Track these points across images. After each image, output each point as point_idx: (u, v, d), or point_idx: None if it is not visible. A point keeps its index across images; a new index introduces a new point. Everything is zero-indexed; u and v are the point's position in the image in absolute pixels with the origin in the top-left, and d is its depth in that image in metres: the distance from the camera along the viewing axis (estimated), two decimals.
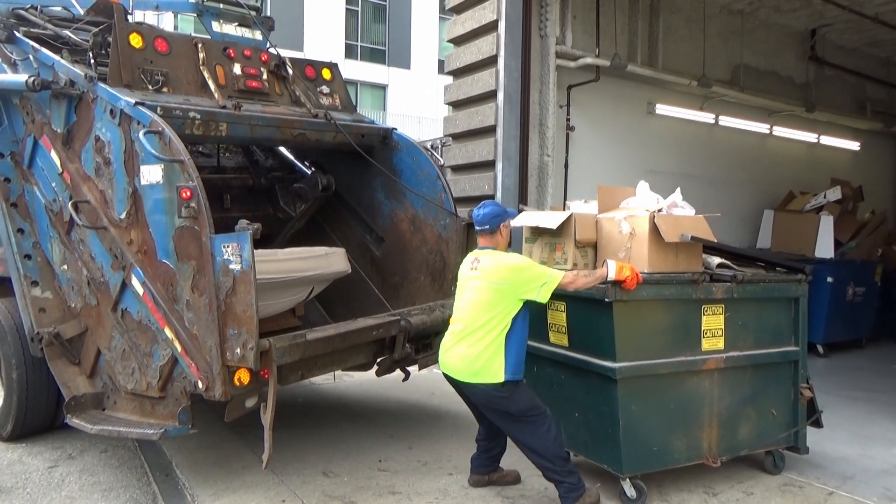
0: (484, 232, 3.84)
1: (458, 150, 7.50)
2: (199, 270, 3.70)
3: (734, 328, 4.18)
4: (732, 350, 4.17)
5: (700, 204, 9.12)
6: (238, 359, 3.54)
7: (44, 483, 4.31)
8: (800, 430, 4.47)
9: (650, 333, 3.95)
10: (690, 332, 4.05)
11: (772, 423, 4.38)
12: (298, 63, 5.52)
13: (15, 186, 4.92)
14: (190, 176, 3.67)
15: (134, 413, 4.22)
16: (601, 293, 3.77)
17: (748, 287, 4.19)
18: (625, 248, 4.10)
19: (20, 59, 4.91)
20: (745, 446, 4.29)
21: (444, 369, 3.78)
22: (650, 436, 3.92)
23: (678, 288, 3.99)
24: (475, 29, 7.14)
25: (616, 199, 4.55)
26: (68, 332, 4.57)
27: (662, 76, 8.27)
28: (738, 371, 4.22)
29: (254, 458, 4.49)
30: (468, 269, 3.81)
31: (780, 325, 4.43)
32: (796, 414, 4.47)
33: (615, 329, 3.78)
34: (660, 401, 3.97)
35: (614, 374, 3.77)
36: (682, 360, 4.00)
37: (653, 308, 3.96)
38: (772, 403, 4.38)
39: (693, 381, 4.07)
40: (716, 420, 4.14)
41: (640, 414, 3.87)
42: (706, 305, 4.09)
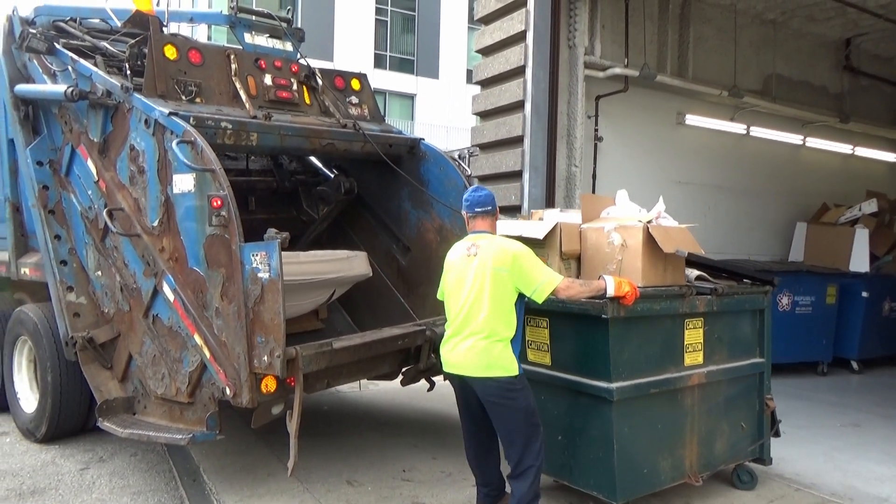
0: (486, 214, 3.59)
1: (486, 161, 7.51)
2: (229, 278, 3.76)
3: (711, 342, 4.10)
4: (710, 364, 4.08)
5: (730, 216, 9.15)
6: (265, 366, 3.58)
7: (75, 485, 4.40)
8: (765, 442, 4.44)
9: (641, 351, 3.77)
10: (675, 348, 3.94)
11: (742, 437, 4.33)
12: (328, 73, 5.59)
13: (53, 194, 5.05)
14: (221, 185, 3.73)
15: (163, 418, 4.29)
16: (597, 309, 3.56)
17: (724, 300, 4.12)
18: (615, 260, 3.93)
19: (60, 70, 5.05)
20: (721, 461, 4.23)
21: (450, 368, 3.52)
22: (641, 458, 3.77)
23: (668, 302, 3.86)
24: (503, 39, 7.15)
25: (598, 208, 4.39)
26: (101, 337, 4.67)
27: (692, 86, 8.18)
28: (715, 386, 4.13)
29: (279, 465, 4.53)
30: (464, 256, 3.53)
31: (748, 338, 4.39)
32: (762, 426, 4.44)
33: (610, 347, 3.59)
34: (649, 421, 3.81)
35: (611, 395, 3.57)
36: (670, 378, 3.87)
37: (644, 324, 3.78)
38: (741, 416, 4.34)
39: (677, 399, 3.95)
40: (696, 437, 4.03)
41: (632, 436, 3.71)
42: (688, 319, 3.97)
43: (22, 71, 5.34)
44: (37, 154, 5.07)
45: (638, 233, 3.86)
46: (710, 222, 8.96)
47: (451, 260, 3.63)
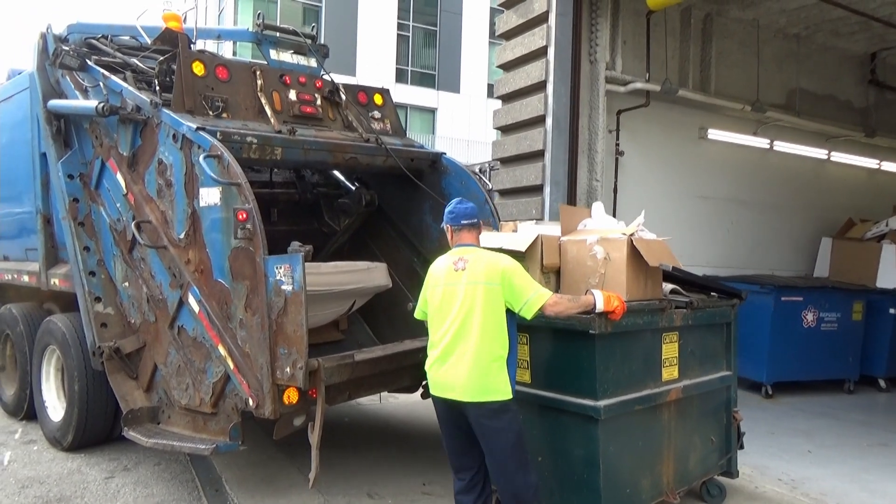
0: (472, 227, 3.46)
1: (506, 175, 7.54)
2: (253, 290, 3.81)
3: (685, 356, 4.05)
4: (685, 379, 4.03)
5: (753, 231, 9.08)
6: (287, 377, 3.62)
7: (100, 493, 4.46)
8: (732, 456, 4.40)
9: (624, 366, 3.68)
10: (654, 363, 3.87)
11: (711, 451, 4.30)
12: (351, 89, 5.67)
13: (83, 206, 5.15)
14: (246, 199, 3.79)
15: (187, 428, 4.34)
16: (584, 324, 3.44)
17: (697, 313, 4.09)
18: (598, 273, 3.81)
19: (91, 85, 5.18)
20: (695, 477, 4.19)
21: (441, 391, 3.29)
22: (625, 478, 3.68)
23: (649, 317, 3.78)
24: (525, 55, 7.20)
25: (575, 220, 4.27)
26: (127, 347, 4.74)
27: (715, 101, 8.16)
28: (689, 400, 4.09)
29: (300, 476, 4.55)
30: (451, 270, 3.34)
31: (717, 351, 4.36)
32: (730, 439, 4.41)
33: (597, 364, 3.48)
34: (632, 439, 3.71)
35: (598, 413, 3.44)
36: (651, 393, 3.80)
37: (627, 339, 3.68)
38: (711, 430, 4.30)
39: (656, 415, 3.88)
40: (672, 453, 3.97)
41: (617, 455, 3.60)
42: (665, 333, 3.91)
43: (55, 87, 5.46)
44: (68, 167, 5.18)
45: (622, 246, 3.75)
46: (732, 237, 8.90)
47: (436, 275, 3.44)
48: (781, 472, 5.03)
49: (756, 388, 7.75)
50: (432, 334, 3.39)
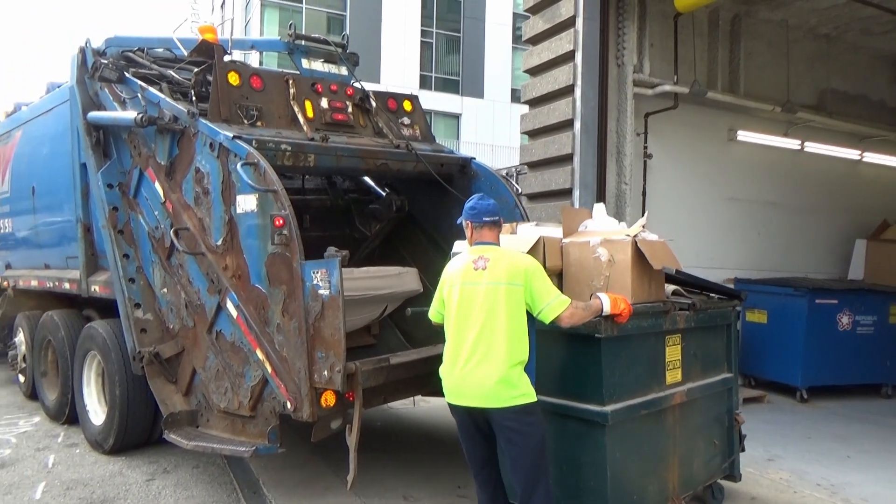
0: (493, 224, 3.36)
1: (534, 179, 7.55)
2: (290, 295, 3.87)
3: (688, 358, 3.98)
4: (688, 381, 3.96)
5: (785, 233, 8.97)
6: (325, 381, 3.67)
7: (142, 495, 4.56)
8: (735, 458, 4.32)
9: (629, 370, 3.59)
10: (658, 366, 3.79)
11: (714, 454, 4.22)
12: (381, 96, 5.74)
13: (122, 214, 5.27)
14: (283, 205, 3.86)
15: (226, 431, 4.41)
16: (590, 329, 3.37)
17: (700, 315, 4.03)
18: (602, 276, 3.71)
19: (129, 97, 5.30)
20: (700, 481, 4.11)
21: (462, 399, 3.17)
22: (631, 484, 3.59)
23: (653, 319, 3.71)
24: (552, 59, 7.22)
25: (577, 221, 4.17)
26: (167, 352, 4.84)
27: (744, 102, 8.10)
28: (692, 403, 4.01)
29: (336, 479, 4.61)
30: (470, 270, 3.22)
31: (718, 352, 4.30)
32: (732, 441, 4.33)
33: (603, 368, 3.40)
34: (638, 444, 3.62)
35: (605, 418, 3.36)
36: (656, 398, 3.72)
37: (632, 343, 3.61)
38: (714, 433, 4.23)
39: (661, 419, 3.80)
40: (677, 458, 3.89)
41: (623, 461, 3.51)
42: (669, 336, 3.84)
43: (94, 99, 5.60)
44: (107, 177, 5.31)
45: (626, 247, 3.64)
46: (763, 239, 8.81)
47: (453, 274, 3.31)
48: (820, 478, 4.96)
49: (791, 392, 7.65)
50: (450, 336, 3.25)
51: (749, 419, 6.60)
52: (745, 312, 8.11)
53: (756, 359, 7.95)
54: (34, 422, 6.45)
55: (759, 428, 6.38)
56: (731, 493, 4.52)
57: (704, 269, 8.14)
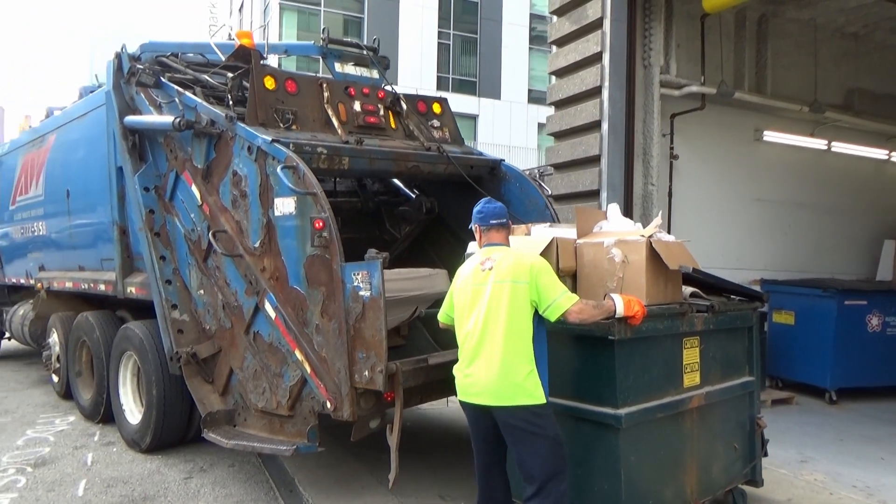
0: (501, 226, 3.42)
1: (561, 180, 7.57)
2: (329, 296, 3.93)
3: (707, 361, 3.91)
4: (707, 385, 3.89)
5: (812, 233, 8.92)
6: (366, 381, 3.72)
7: (181, 493, 4.63)
8: (757, 463, 4.24)
9: (645, 373, 3.55)
10: (675, 369, 3.74)
11: (735, 459, 4.13)
12: (411, 98, 5.79)
13: (158, 217, 5.36)
14: (322, 208, 3.92)
15: (263, 430, 4.47)
16: (603, 330, 3.34)
17: (719, 317, 3.96)
18: (616, 277, 3.68)
19: (166, 102, 5.38)
20: (719, 486, 4.01)
21: (469, 397, 3.22)
22: (647, 488, 3.53)
23: (669, 321, 3.65)
24: (579, 61, 7.23)
25: (591, 222, 4.13)
26: (204, 353, 4.91)
27: (771, 102, 8.06)
28: (711, 407, 3.93)
29: (372, 479, 4.66)
30: (478, 271, 3.28)
31: (738, 356, 4.23)
32: (753, 446, 4.25)
33: (617, 370, 3.36)
34: (654, 448, 3.57)
35: (618, 422, 3.32)
36: (673, 401, 3.66)
37: (647, 345, 3.56)
38: (734, 437, 4.14)
39: (678, 423, 3.75)
40: (696, 462, 3.82)
41: (638, 465, 3.47)
42: (686, 338, 3.78)
43: (129, 103, 5.70)
44: (143, 181, 5.39)
45: (641, 248, 3.60)
46: (790, 240, 8.75)
47: (463, 277, 3.40)
48: (856, 479, 4.93)
49: (819, 393, 7.59)
50: (459, 336, 3.31)
51: (779, 421, 6.62)
52: (773, 313, 8.07)
53: (783, 360, 7.91)
54: (69, 421, 6.57)
55: (790, 429, 6.36)
56: (766, 494, 4.52)
57: (731, 270, 8.11)
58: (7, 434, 6.13)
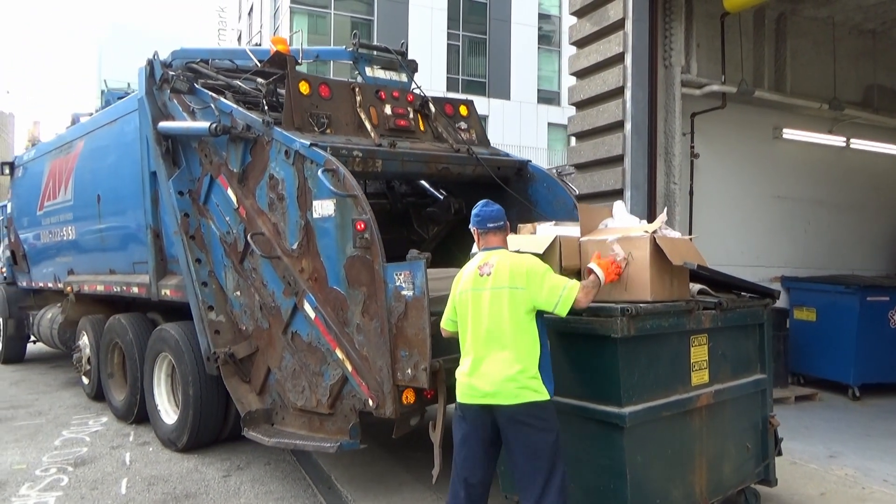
0: (498, 229, 3.44)
1: (583, 180, 7.63)
2: (371, 296, 4.01)
3: (716, 359, 3.88)
4: (716, 383, 3.85)
5: (832, 230, 8.95)
6: (409, 379, 3.80)
7: (222, 490, 4.72)
8: (770, 462, 4.20)
9: (650, 371, 3.52)
10: (682, 367, 3.71)
11: (747, 458, 4.08)
12: (438, 101, 5.88)
13: (193, 221, 5.45)
14: (363, 209, 4.00)
15: (302, 428, 4.56)
16: (605, 328, 3.34)
17: (728, 314, 3.92)
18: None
19: (199, 107, 5.47)
20: (729, 485, 3.96)
21: (475, 398, 3.19)
22: (653, 487, 3.50)
23: (675, 319, 3.62)
24: (600, 62, 7.29)
25: (595, 220, 4.14)
26: (241, 353, 5.00)
27: (790, 100, 8.09)
28: (720, 406, 3.90)
29: (408, 475, 4.74)
30: (476, 276, 3.31)
31: (750, 353, 4.20)
32: (766, 445, 4.19)
33: (620, 369, 3.34)
34: (660, 447, 3.54)
35: (623, 421, 3.30)
36: (680, 399, 3.63)
37: (652, 343, 3.54)
38: (746, 436, 4.10)
39: (686, 421, 3.71)
40: (705, 461, 3.78)
41: (645, 465, 3.44)
42: (694, 336, 3.74)
43: (162, 109, 5.79)
44: (178, 185, 5.49)
45: (644, 244, 3.58)
46: (810, 237, 8.78)
47: (462, 282, 3.41)
48: (886, 474, 4.98)
49: (842, 389, 7.63)
50: (464, 342, 3.33)
51: (804, 417, 6.67)
52: (794, 310, 8.11)
53: (805, 356, 7.94)
54: (102, 421, 6.68)
55: (816, 425, 6.41)
56: (799, 489, 4.57)
57: (751, 268, 8.17)
58: (44, 435, 6.24)
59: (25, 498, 4.63)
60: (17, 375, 9.48)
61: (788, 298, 8.36)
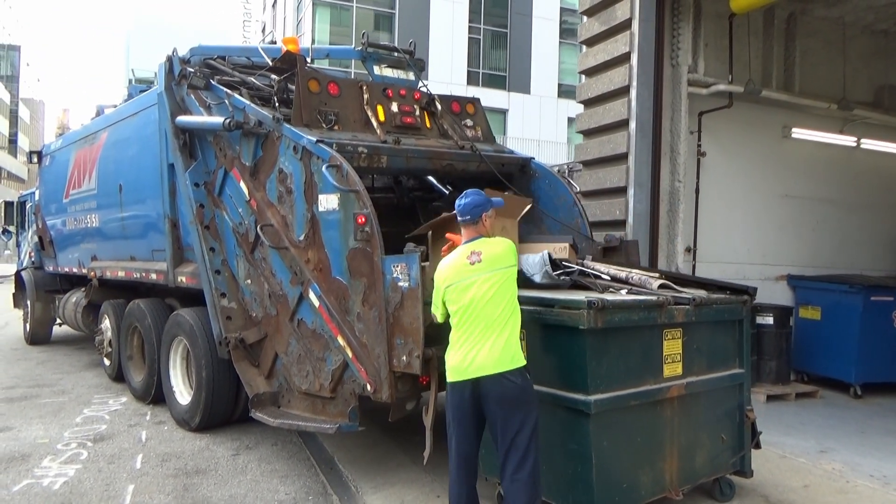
0: (466, 223, 3.68)
1: (589, 177, 7.77)
2: (370, 286, 4.22)
3: (690, 353, 4.04)
4: (690, 375, 4.02)
5: (841, 230, 9.00)
6: (404, 365, 4.01)
7: (231, 467, 4.99)
8: (746, 454, 4.35)
9: (619, 362, 3.70)
10: (653, 359, 3.88)
11: (722, 449, 4.24)
12: (445, 99, 6.05)
13: (207, 211, 5.70)
14: (364, 204, 4.21)
15: (306, 410, 4.80)
16: (574, 320, 3.53)
17: (703, 310, 4.08)
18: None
19: (215, 103, 5.72)
20: (702, 474, 4.15)
21: (469, 373, 3.41)
22: (620, 473, 3.69)
23: (645, 313, 3.80)
24: (607, 61, 7.41)
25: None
26: (250, 338, 5.25)
27: (799, 100, 8.14)
28: (694, 397, 4.06)
29: (406, 458, 4.96)
30: (465, 265, 3.53)
31: (727, 348, 4.34)
32: (742, 437, 4.35)
33: (587, 359, 3.53)
34: (628, 434, 3.72)
35: (588, 407, 3.49)
36: (649, 390, 3.81)
37: (621, 335, 3.72)
38: (721, 428, 4.25)
39: (657, 411, 3.87)
40: (676, 450, 3.95)
41: (611, 450, 3.62)
42: (667, 330, 3.92)
43: (180, 104, 6.05)
44: (194, 177, 5.75)
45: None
46: (818, 237, 8.83)
47: (449, 272, 3.59)
48: (873, 469, 5.09)
49: (844, 388, 7.70)
50: (459, 328, 3.50)
51: (801, 413, 6.78)
52: (799, 309, 8.18)
53: (809, 354, 8.02)
54: (122, 401, 7.00)
55: (812, 421, 6.51)
56: (782, 480, 4.71)
57: (758, 266, 8.27)
58: (66, 412, 6.57)
59: (47, 469, 4.93)
60: (44, 356, 9.88)
61: (794, 297, 8.44)
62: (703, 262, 7.69)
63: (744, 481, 4.45)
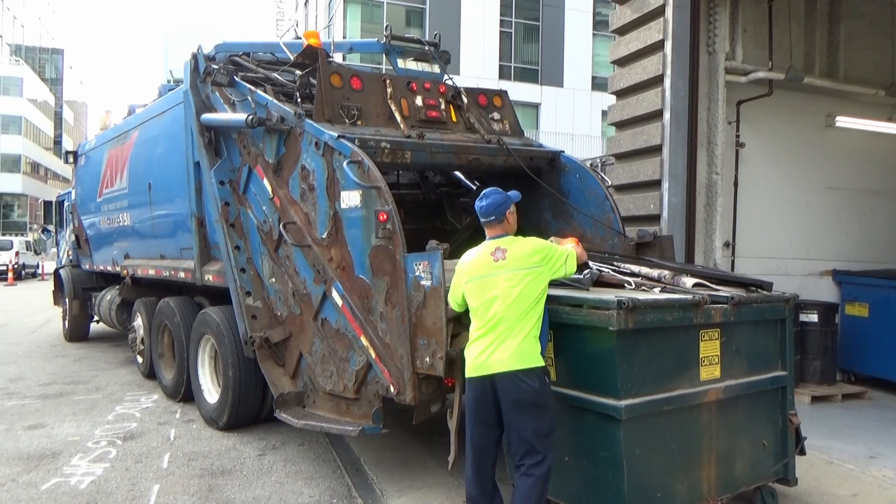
0: (491, 223, 3.64)
1: (622, 170, 7.54)
2: (393, 285, 4.11)
3: (729, 354, 3.82)
4: (728, 378, 3.80)
5: (889, 222, 8.57)
6: (427, 367, 3.89)
7: (256, 468, 4.94)
8: (789, 461, 4.08)
9: (652, 365, 3.51)
10: (689, 361, 3.68)
11: (763, 456, 4.00)
12: (472, 92, 5.91)
13: (233, 209, 5.67)
14: (386, 201, 4.10)
15: (331, 411, 4.72)
16: (603, 321, 3.39)
17: (743, 309, 3.85)
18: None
19: (239, 99, 5.68)
20: (742, 483, 3.89)
21: (486, 370, 3.38)
22: (654, 481, 3.51)
23: (680, 312, 3.61)
24: (640, 49, 7.16)
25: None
26: (275, 337, 5.19)
27: (844, 87, 7.77)
28: (733, 401, 3.84)
29: (433, 461, 4.85)
30: (489, 262, 3.50)
31: (769, 349, 4.09)
32: (785, 443, 4.09)
33: (617, 362, 3.38)
34: (662, 440, 3.54)
35: (619, 413, 3.32)
36: (684, 394, 3.61)
37: (654, 336, 3.53)
38: (763, 434, 4.02)
39: (693, 416, 3.68)
40: (714, 457, 3.74)
41: (644, 457, 3.44)
42: (703, 331, 3.71)
43: (206, 101, 6.01)
44: (219, 174, 5.72)
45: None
46: (865, 230, 8.44)
47: (471, 267, 3.57)
48: None
49: (893, 388, 7.36)
50: (479, 324, 3.46)
51: (848, 416, 6.48)
52: (845, 305, 7.84)
53: (856, 353, 7.68)
54: (153, 399, 7.04)
55: (861, 425, 6.21)
56: (830, 489, 4.47)
57: (801, 261, 7.94)
58: (99, 409, 6.63)
59: (76, 468, 4.95)
60: (81, 353, 10.05)
61: (840, 293, 8.08)
62: (742, 258, 7.40)
63: (787, 490, 4.22)
